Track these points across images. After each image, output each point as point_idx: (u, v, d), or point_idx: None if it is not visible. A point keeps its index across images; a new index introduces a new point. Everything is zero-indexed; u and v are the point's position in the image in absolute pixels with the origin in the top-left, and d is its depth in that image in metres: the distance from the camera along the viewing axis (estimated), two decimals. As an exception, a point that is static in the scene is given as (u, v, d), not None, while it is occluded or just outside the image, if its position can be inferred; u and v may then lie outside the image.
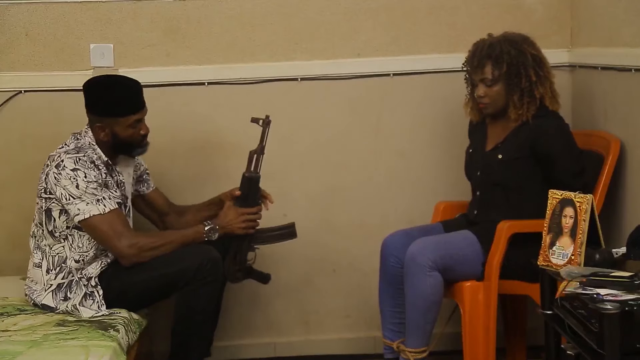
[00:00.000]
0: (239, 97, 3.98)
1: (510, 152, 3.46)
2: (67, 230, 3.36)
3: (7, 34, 3.90)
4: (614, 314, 2.41)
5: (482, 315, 3.37)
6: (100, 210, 3.29)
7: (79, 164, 3.31)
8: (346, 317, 4.12)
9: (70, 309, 3.33)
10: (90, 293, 3.33)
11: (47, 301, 3.36)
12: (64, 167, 3.30)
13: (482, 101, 3.50)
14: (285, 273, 4.05)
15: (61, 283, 3.36)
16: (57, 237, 3.37)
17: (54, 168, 3.31)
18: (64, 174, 3.29)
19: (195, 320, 3.34)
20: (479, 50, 3.49)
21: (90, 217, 3.28)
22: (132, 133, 3.40)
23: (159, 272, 3.31)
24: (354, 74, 4.01)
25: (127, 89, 3.42)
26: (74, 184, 3.28)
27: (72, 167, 3.30)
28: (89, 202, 3.28)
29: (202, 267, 3.28)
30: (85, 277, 3.35)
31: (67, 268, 3.36)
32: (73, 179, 3.28)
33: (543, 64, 3.48)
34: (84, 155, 3.34)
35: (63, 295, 3.35)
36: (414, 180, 4.05)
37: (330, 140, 4.04)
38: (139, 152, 3.48)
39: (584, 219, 2.86)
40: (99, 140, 3.40)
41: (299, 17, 3.97)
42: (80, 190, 3.28)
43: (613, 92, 3.61)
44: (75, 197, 3.28)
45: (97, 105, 3.40)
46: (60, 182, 3.28)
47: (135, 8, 3.92)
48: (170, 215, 3.71)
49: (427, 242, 3.40)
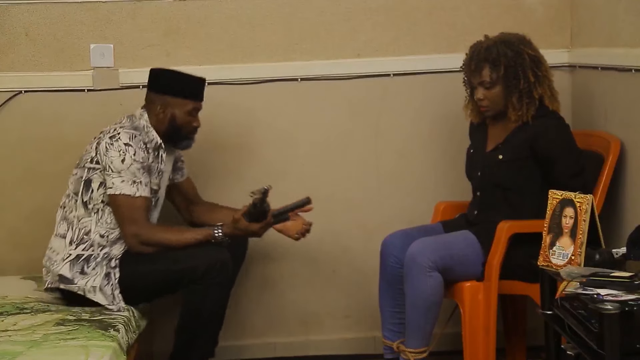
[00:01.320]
0: (239, 97, 3.98)
1: (511, 153, 3.46)
2: (100, 204, 3.41)
3: (7, 34, 3.90)
4: (614, 314, 2.41)
5: (482, 315, 3.37)
6: (132, 192, 3.35)
7: (133, 140, 3.38)
8: (346, 317, 4.12)
9: (89, 288, 3.35)
10: (107, 273, 3.37)
11: (64, 271, 3.38)
12: (118, 138, 3.37)
13: (482, 104, 3.50)
14: (285, 273, 4.05)
15: (80, 255, 3.39)
16: (90, 209, 3.41)
17: (108, 139, 3.38)
18: (116, 145, 3.36)
19: (201, 320, 3.35)
20: (475, 54, 3.48)
21: (119, 195, 3.35)
22: (188, 121, 3.50)
23: (168, 267, 3.35)
24: (354, 74, 4.01)
25: (195, 77, 3.55)
26: (121, 158, 3.35)
27: (126, 142, 3.37)
28: (125, 180, 3.34)
29: (212, 267, 3.30)
30: (108, 257, 3.38)
31: (90, 241, 3.40)
32: (123, 152, 3.35)
33: (541, 64, 3.47)
34: (139, 134, 3.42)
35: (80, 268, 3.38)
36: (414, 180, 4.05)
37: (330, 141, 4.04)
38: (185, 144, 3.56)
39: (584, 219, 2.86)
40: (153, 124, 3.47)
41: (299, 17, 3.97)
42: (124, 166, 3.35)
43: (613, 92, 3.61)
44: (116, 170, 3.35)
45: (166, 85, 3.50)
46: (109, 152, 3.35)
47: (135, 8, 3.92)
48: (199, 207, 3.74)
49: (427, 243, 3.40)
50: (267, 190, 3.39)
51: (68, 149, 3.88)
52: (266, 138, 4.02)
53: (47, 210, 3.91)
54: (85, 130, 3.89)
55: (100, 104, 3.93)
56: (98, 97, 3.93)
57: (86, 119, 3.90)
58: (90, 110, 3.92)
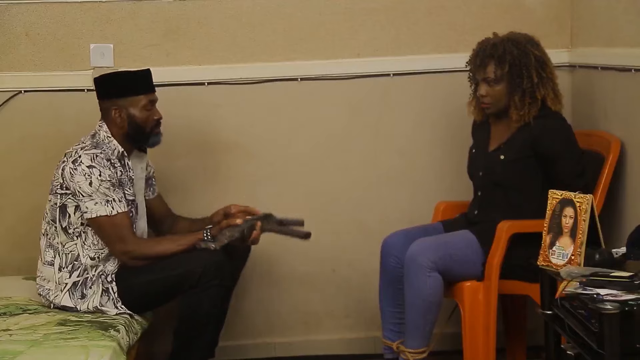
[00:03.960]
0: (239, 97, 3.98)
1: (512, 153, 3.46)
2: (81, 227, 3.38)
3: (7, 34, 3.90)
4: (614, 314, 2.41)
5: (482, 315, 3.37)
6: (108, 211, 3.31)
7: (95, 161, 3.34)
8: (346, 317, 4.12)
9: (92, 309, 3.35)
10: (105, 289, 3.36)
11: (65, 302, 3.38)
12: (80, 162, 3.33)
13: (484, 101, 3.50)
14: (286, 273, 4.05)
15: (76, 281, 3.38)
16: (71, 234, 3.39)
17: (70, 163, 3.34)
18: (80, 169, 3.32)
19: (199, 322, 3.34)
20: (482, 50, 3.49)
21: (97, 217, 3.32)
22: (147, 116, 3.45)
23: (164, 274, 3.33)
24: (354, 74, 4.01)
25: (137, 72, 3.53)
26: (88, 181, 3.31)
27: (88, 164, 3.33)
28: (98, 202, 3.31)
29: (208, 271, 3.29)
30: (103, 274, 3.37)
31: (82, 266, 3.38)
32: (87, 175, 3.31)
33: (546, 66, 3.47)
34: (101, 152, 3.37)
35: (80, 294, 3.37)
36: (414, 180, 4.05)
37: (330, 140, 4.04)
38: (154, 140, 3.51)
39: (584, 219, 2.86)
40: (114, 132, 3.43)
41: (299, 17, 3.97)
42: (92, 188, 3.31)
43: (613, 92, 3.61)
44: (86, 194, 3.31)
45: (111, 88, 3.46)
46: (75, 177, 3.32)
47: (135, 8, 3.92)
48: (165, 224, 3.70)
49: (427, 243, 3.40)
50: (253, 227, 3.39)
51: (68, 149, 3.88)
52: (266, 138, 4.02)
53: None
54: (85, 130, 3.88)
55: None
56: (98, 97, 3.93)
57: (86, 118, 3.89)
58: (90, 110, 3.90)
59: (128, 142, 3.46)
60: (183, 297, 3.35)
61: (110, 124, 3.44)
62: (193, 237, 3.40)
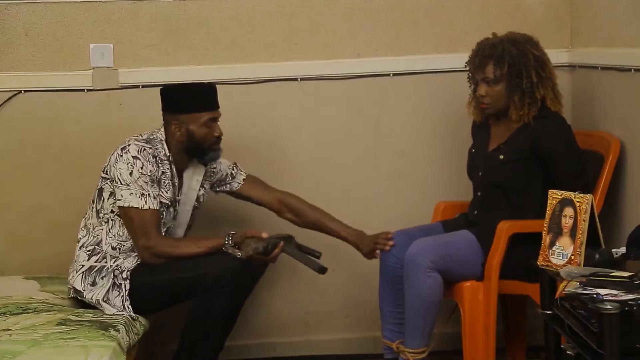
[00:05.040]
0: (239, 97, 3.98)
1: (512, 153, 3.46)
2: (110, 214, 3.43)
3: (7, 34, 3.90)
4: (614, 314, 2.41)
5: (482, 315, 3.37)
6: (140, 204, 3.35)
7: (141, 153, 3.38)
8: (346, 317, 4.12)
9: (94, 302, 3.37)
10: (118, 284, 3.37)
11: (76, 283, 3.42)
12: (127, 151, 3.37)
13: (484, 101, 3.50)
14: (286, 273, 4.05)
15: (93, 266, 3.41)
16: (101, 218, 3.44)
17: (119, 150, 3.39)
18: (125, 157, 3.36)
19: (207, 325, 3.35)
20: (481, 50, 3.49)
21: (129, 207, 3.35)
22: (206, 133, 3.46)
23: (178, 276, 3.34)
24: (354, 74, 4.01)
25: (202, 87, 3.54)
26: (129, 171, 3.35)
27: (134, 155, 3.37)
28: (133, 193, 3.35)
29: (221, 277, 3.29)
30: (119, 269, 3.39)
31: (102, 252, 3.42)
32: (130, 165, 3.35)
33: (545, 65, 3.47)
34: (150, 147, 3.41)
35: (92, 280, 3.40)
36: (414, 180, 4.05)
37: (330, 140, 4.04)
38: (212, 156, 3.52)
39: (584, 219, 2.86)
40: (172, 143, 3.46)
41: (299, 17, 3.98)
42: (132, 178, 3.35)
43: (613, 92, 3.61)
44: (124, 182, 3.35)
45: (174, 103, 3.47)
46: (118, 164, 3.36)
47: (135, 8, 3.92)
48: (273, 205, 3.73)
49: (427, 243, 3.40)
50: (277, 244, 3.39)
51: (68, 149, 3.89)
52: (266, 138, 4.02)
53: (46, 210, 3.92)
54: (84, 130, 3.91)
55: (99, 103, 3.93)
56: (98, 97, 3.93)
57: (86, 118, 3.90)
58: (90, 110, 3.93)
59: (187, 154, 3.50)
60: (195, 299, 3.36)
61: (169, 136, 3.47)
62: (214, 241, 3.40)
